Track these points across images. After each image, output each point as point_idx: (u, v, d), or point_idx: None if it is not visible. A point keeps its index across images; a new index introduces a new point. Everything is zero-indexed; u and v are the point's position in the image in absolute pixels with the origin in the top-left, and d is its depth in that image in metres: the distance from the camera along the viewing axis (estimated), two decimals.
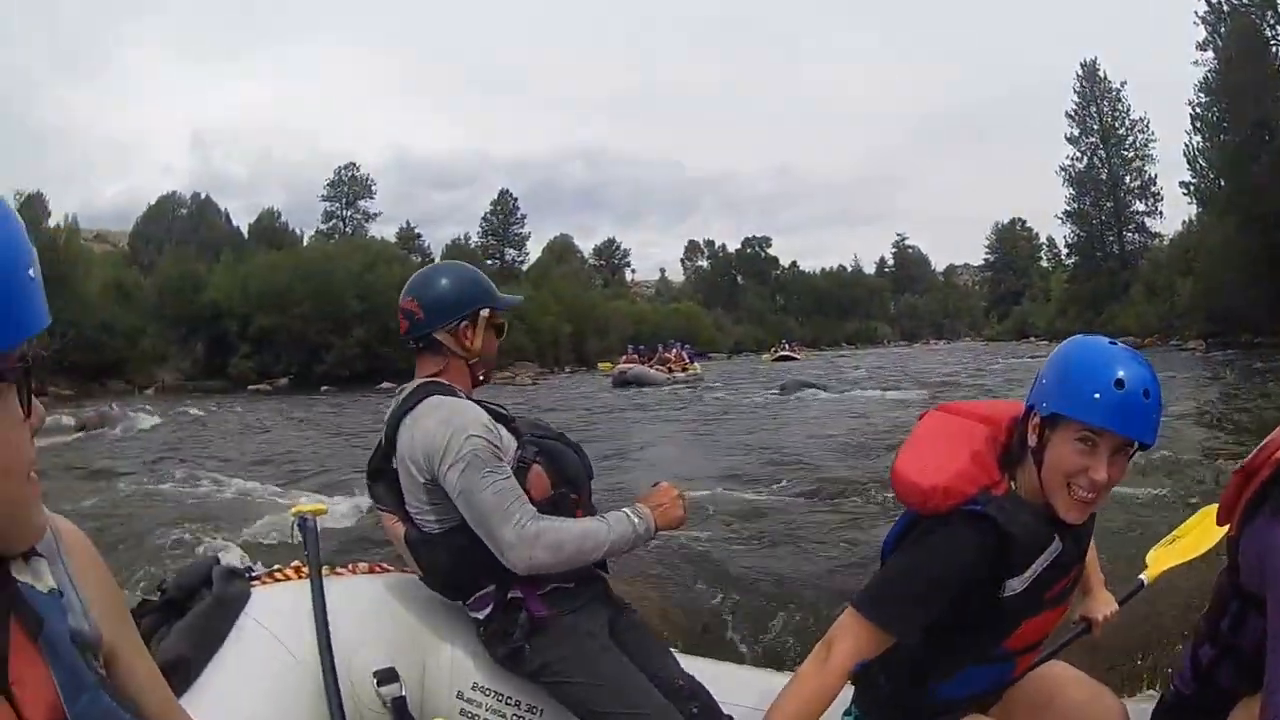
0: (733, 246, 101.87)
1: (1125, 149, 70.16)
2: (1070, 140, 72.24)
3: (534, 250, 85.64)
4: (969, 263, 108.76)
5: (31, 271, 0.81)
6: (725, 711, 2.28)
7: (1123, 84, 70.70)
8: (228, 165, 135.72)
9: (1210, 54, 42.73)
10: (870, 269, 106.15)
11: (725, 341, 72.90)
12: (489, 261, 75.10)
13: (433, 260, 66.31)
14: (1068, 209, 72.27)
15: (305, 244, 58.13)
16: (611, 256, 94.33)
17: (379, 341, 37.20)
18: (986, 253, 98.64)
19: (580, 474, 2.41)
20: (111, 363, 33.84)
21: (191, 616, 2.19)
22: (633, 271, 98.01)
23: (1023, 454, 1.80)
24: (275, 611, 2.24)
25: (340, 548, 5.57)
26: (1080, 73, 71.59)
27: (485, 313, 2.40)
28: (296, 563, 2.42)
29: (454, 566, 2.26)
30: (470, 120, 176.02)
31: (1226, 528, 1.77)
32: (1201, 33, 43.04)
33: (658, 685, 2.23)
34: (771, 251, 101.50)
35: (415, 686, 2.32)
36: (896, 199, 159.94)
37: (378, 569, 2.55)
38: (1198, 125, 44.54)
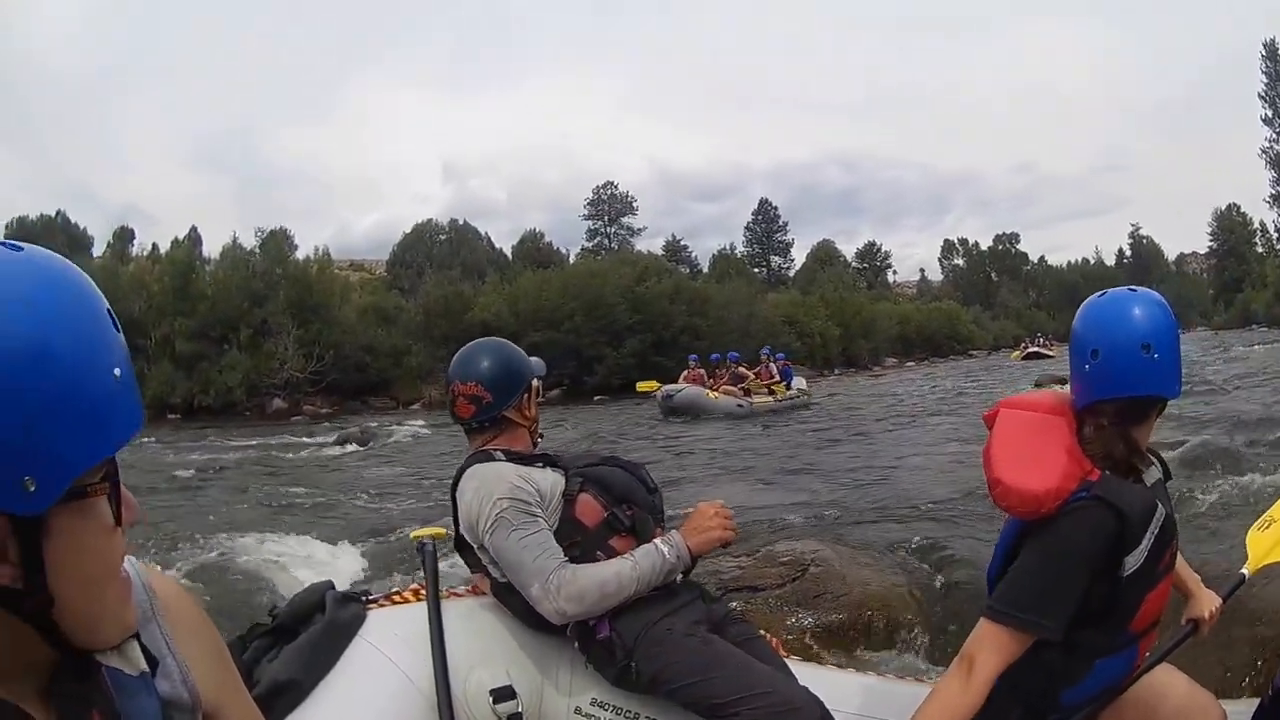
0: (985, 244, 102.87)
1: None
2: (1265, 122, 68.64)
3: (798, 256, 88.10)
4: (1196, 250, 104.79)
5: (118, 371, 0.81)
6: (835, 716, 2.27)
7: None
8: (484, 191, 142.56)
9: None
10: (1110, 260, 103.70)
11: (984, 338, 72.89)
12: (755, 269, 77.72)
13: (702, 271, 71.46)
14: (1273, 192, 69.23)
15: (572, 262, 60.16)
16: (873, 259, 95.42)
17: (653, 351, 38.74)
18: (1209, 239, 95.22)
19: (633, 489, 2.55)
20: (375, 382, 35.23)
21: (303, 639, 2.27)
22: (894, 273, 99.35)
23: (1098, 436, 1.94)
24: (390, 633, 2.36)
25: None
26: (1264, 53, 67.96)
27: (536, 382, 2.70)
28: (415, 585, 2.58)
29: (529, 610, 2.39)
30: (726, 131, 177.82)
31: None
32: None
33: None
34: (1021, 247, 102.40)
35: (532, 704, 2.42)
36: (1127, 188, 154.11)
37: None
38: None
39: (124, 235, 57.89)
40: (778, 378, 24.00)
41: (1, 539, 0.77)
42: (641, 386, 22.23)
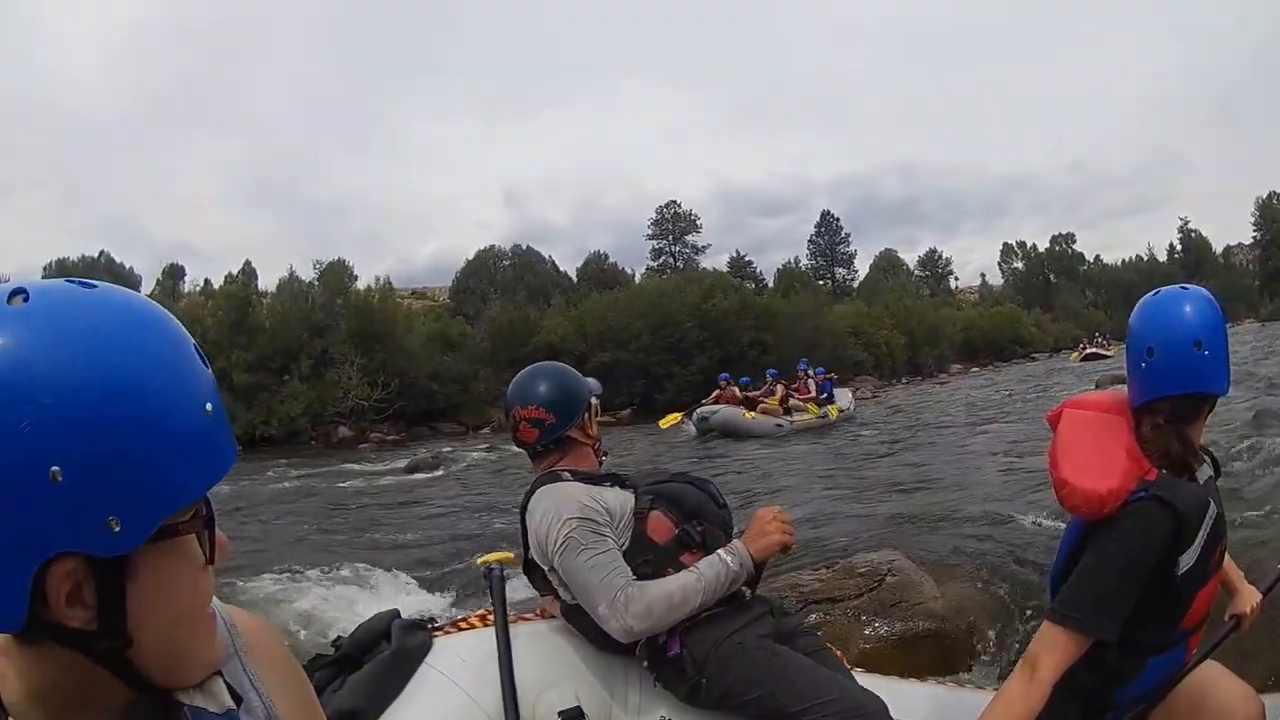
0: (1042, 245, 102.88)
1: None
2: None
3: (861, 267, 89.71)
4: (1241, 241, 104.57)
5: (209, 407, 0.81)
6: None
7: None
8: (546, 214, 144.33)
9: None
10: (1162, 255, 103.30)
11: (1045, 341, 72.52)
12: (820, 282, 78.90)
13: (767, 286, 71.95)
14: None
15: (638, 281, 61.03)
16: (934, 266, 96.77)
17: (721, 367, 37.62)
18: (1253, 229, 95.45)
19: (703, 505, 2.61)
20: (442, 408, 35.25)
21: (368, 668, 2.28)
22: (956, 279, 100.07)
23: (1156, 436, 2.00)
24: (457, 659, 2.38)
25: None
26: None
27: (594, 400, 2.74)
28: (481, 611, 2.60)
29: (599, 631, 2.40)
30: (785, 145, 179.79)
31: None
32: None
33: None
34: (1077, 247, 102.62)
35: None
36: (1174, 182, 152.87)
37: None
38: None
39: (174, 272, 59.13)
40: (815, 393, 22.89)
41: (77, 581, 0.75)
42: (665, 422, 18.72)
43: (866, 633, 4.82)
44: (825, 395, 23.02)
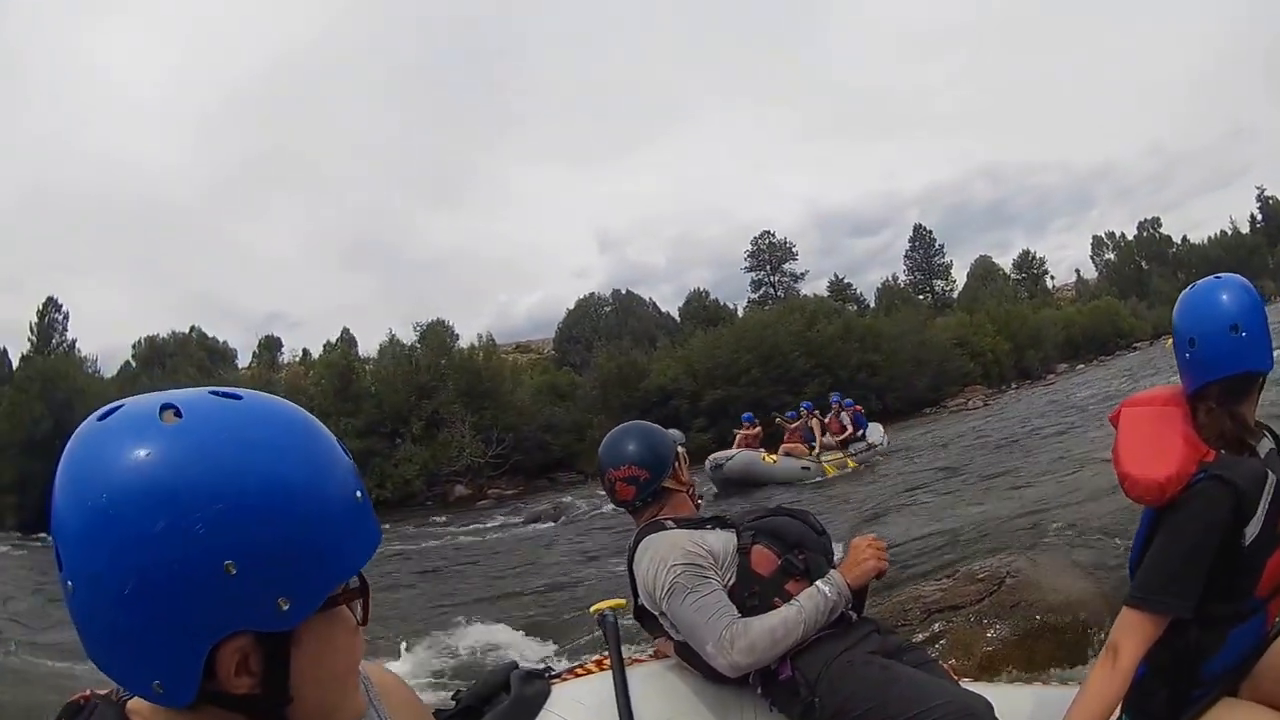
0: (1130, 234, 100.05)
1: None
2: None
3: (958, 277, 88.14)
4: None
5: (358, 494, 0.90)
6: None
7: None
8: (642, 256, 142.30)
9: None
10: (1245, 228, 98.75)
11: (1144, 329, 70.23)
12: (920, 296, 78.83)
13: (869, 306, 72.20)
14: None
15: (740, 315, 60.65)
16: (1029, 267, 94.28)
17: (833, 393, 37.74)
18: None
19: (804, 535, 2.69)
20: (558, 459, 35.44)
21: (489, 718, 2.35)
22: (1052, 278, 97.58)
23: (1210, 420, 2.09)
24: (577, 704, 2.45)
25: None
26: None
27: (681, 449, 2.87)
28: (598, 657, 2.67)
29: (710, 667, 2.46)
30: (870, 162, 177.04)
31: None
32: None
33: None
34: (1164, 230, 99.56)
35: None
36: (1248, 152, 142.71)
37: None
38: None
39: (270, 344, 60.00)
40: (850, 430, 19.90)
41: (245, 654, 0.84)
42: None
43: (989, 635, 4.96)
44: (861, 432, 20.11)
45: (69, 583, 0.83)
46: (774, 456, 18.58)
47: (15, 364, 43.92)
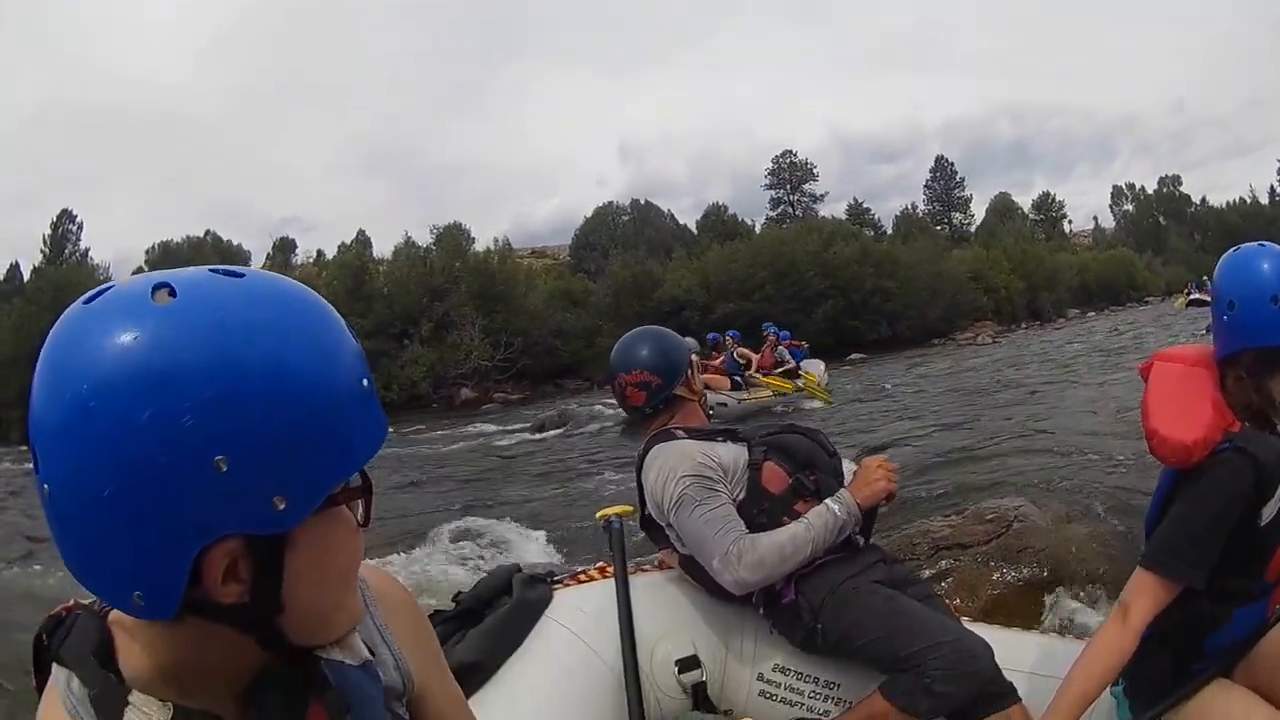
0: (1151, 188, 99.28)
1: None
2: None
3: (977, 212, 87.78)
4: None
5: (365, 382, 0.83)
6: (1006, 675, 2.35)
7: None
8: (663, 168, 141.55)
9: None
10: (1264, 198, 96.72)
11: (1157, 284, 71.39)
12: (937, 227, 78.62)
13: (886, 232, 72.25)
14: None
15: (758, 232, 60.54)
16: (1049, 210, 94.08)
17: (846, 315, 39.22)
18: None
19: (814, 455, 2.67)
20: (566, 365, 35.74)
21: (489, 621, 2.37)
22: (1070, 223, 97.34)
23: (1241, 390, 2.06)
24: (577, 610, 2.48)
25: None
26: None
27: (694, 357, 2.83)
28: (601, 564, 2.72)
29: (715, 582, 2.47)
30: (896, 91, 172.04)
31: None
32: None
33: None
34: (1184, 189, 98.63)
35: (716, 673, 2.57)
36: (1273, 123, 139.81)
37: None
38: None
39: (285, 246, 59.97)
40: (787, 363, 17.94)
41: (234, 559, 0.77)
42: None
43: (994, 578, 4.99)
44: (795, 364, 18.10)
45: (45, 486, 0.75)
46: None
47: (27, 276, 44.03)
